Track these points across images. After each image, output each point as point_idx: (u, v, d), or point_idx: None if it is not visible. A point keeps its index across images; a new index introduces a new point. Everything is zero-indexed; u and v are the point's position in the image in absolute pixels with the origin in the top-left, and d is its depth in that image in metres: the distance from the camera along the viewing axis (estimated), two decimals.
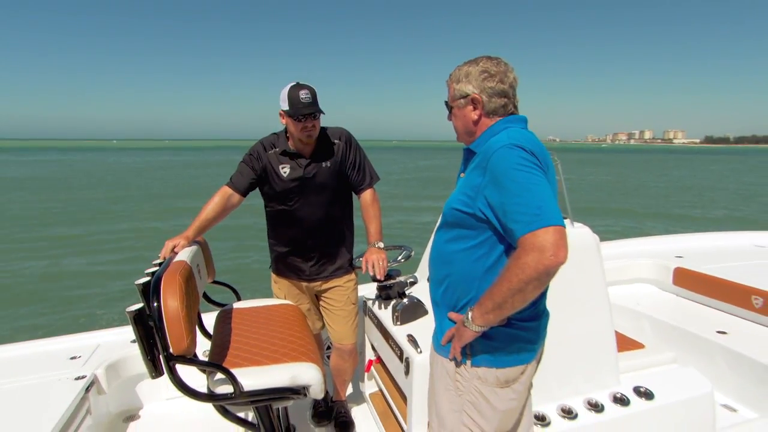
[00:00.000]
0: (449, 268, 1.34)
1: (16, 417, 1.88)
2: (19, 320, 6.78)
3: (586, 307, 2.00)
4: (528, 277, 1.06)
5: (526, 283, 1.07)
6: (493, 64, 1.31)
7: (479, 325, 1.21)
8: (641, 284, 3.54)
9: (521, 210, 1.09)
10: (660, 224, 14.37)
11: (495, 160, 1.17)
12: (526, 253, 1.06)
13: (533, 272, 1.05)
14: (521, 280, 1.07)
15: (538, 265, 1.04)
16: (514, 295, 1.10)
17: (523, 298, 1.10)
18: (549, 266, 1.04)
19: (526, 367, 1.33)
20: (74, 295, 7.86)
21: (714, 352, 2.51)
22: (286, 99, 2.00)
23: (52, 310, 7.19)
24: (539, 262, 1.04)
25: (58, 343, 2.60)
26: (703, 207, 18.55)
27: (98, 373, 2.30)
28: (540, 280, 1.07)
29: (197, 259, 1.94)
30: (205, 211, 2.05)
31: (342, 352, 2.33)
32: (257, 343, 1.80)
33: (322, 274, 2.26)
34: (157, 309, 1.47)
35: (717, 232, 4.36)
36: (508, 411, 1.33)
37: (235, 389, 1.52)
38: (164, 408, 2.57)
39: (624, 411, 1.92)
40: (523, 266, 1.06)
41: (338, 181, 2.21)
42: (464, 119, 1.37)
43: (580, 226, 2.03)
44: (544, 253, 1.04)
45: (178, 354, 1.48)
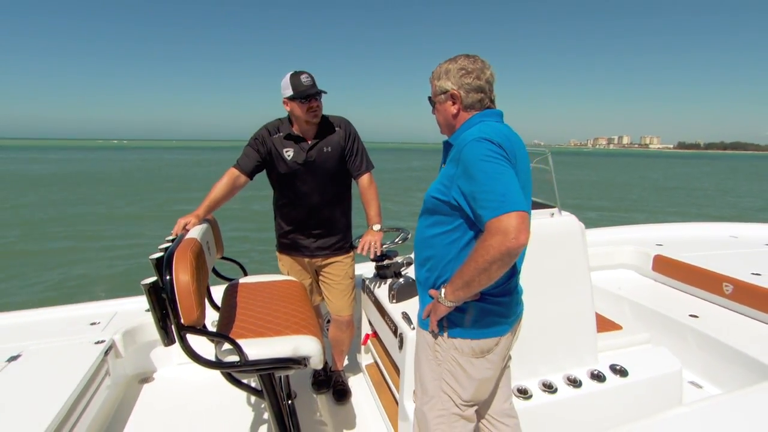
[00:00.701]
0: (429, 251, 1.46)
1: (43, 375, 2.07)
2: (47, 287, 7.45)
3: (570, 289, 2.12)
4: (492, 257, 1.16)
5: (490, 263, 1.17)
6: (470, 62, 1.41)
7: (451, 301, 1.33)
8: (623, 270, 3.69)
9: (488, 197, 1.19)
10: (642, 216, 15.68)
11: (466, 152, 1.27)
12: (491, 236, 1.16)
13: (497, 253, 1.15)
14: (486, 260, 1.18)
15: (501, 246, 1.14)
16: (480, 274, 1.21)
17: (488, 277, 1.21)
18: (511, 248, 1.14)
19: (500, 339, 1.44)
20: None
21: (685, 334, 2.65)
22: (288, 85, 2.13)
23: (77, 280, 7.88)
24: (502, 244, 1.14)
25: (79, 310, 2.80)
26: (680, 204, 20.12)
27: (116, 338, 2.48)
28: (503, 261, 1.17)
29: (207, 236, 2.08)
30: (214, 191, 2.19)
31: (340, 323, 2.49)
32: (262, 316, 1.94)
33: (323, 251, 2.41)
34: (170, 282, 1.57)
35: (696, 222, 4.50)
36: (483, 380, 1.46)
37: (240, 358, 1.63)
38: (176, 372, 2.77)
39: (600, 386, 2.05)
40: (488, 248, 1.16)
41: (338, 165, 2.33)
42: (445, 113, 1.47)
43: (567, 214, 2.13)
44: (507, 236, 1.13)
45: (189, 324, 1.58)
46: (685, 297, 3.12)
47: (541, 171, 2.10)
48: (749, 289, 2.79)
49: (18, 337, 2.45)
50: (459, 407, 1.46)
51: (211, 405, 2.45)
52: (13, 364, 2.15)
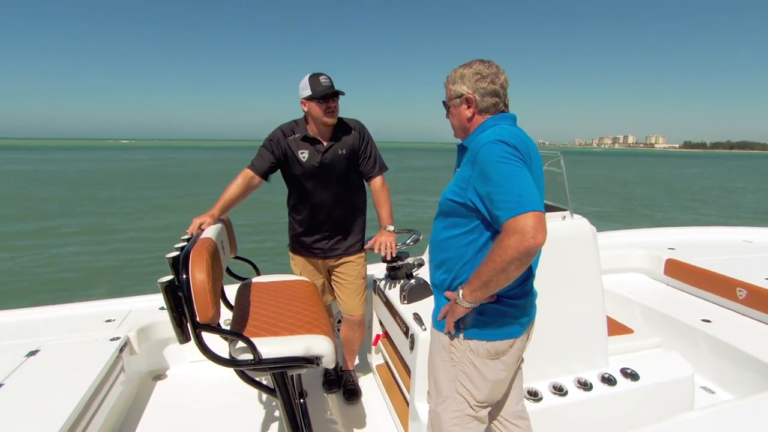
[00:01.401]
0: (445, 253, 1.47)
1: (61, 370, 2.11)
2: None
3: (581, 293, 2.12)
4: (510, 257, 1.18)
5: (508, 263, 1.19)
6: (485, 67, 1.43)
7: (469, 302, 1.35)
8: (635, 273, 3.67)
9: (505, 198, 1.20)
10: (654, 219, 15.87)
11: (482, 154, 1.28)
12: (508, 236, 1.18)
13: (515, 253, 1.17)
14: (504, 261, 1.19)
15: (519, 246, 1.16)
16: (498, 274, 1.22)
17: (506, 277, 1.23)
18: (529, 248, 1.16)
19: (515, 341, 1.46)
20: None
21: (698, 339, 2.64)
22: (307, 86, 2.17)
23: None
24: (520, 244, 1.16)
25: (95, 307, 2.84)
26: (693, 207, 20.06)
27: (131, 336, 2.52)
28: (521, 260, 1.18)
29: (222, 235, 2.11)
30: (229, 191, 2.21)
31: (351, 323, 2.51)
32: (275, 315, 1.97)
33: (336, 252, 2.43)
34: (186, 281, 1.60)
35: (708, 227, 4.46)
36: (497, 381, 1.47)
37: (254, 356, 1.65)
38: (189, 369, 2.80)
39: (611, 390, 2.06)
40: (506, 248, 1.18)
41: (352, 167, 2.36)
42: (459, 117, 1.49)
43: (579, 217, 2.14)
44: (524, 236, 1.15)
45: (204, 322, 1.61)
46: (698, 301, 3.10)
47: (553, 173, 2.11)
48: (764, 294, 2.76)
49: (37, 332, 2.50)
50: (473, 408, 1.48)
51: (223, 402, 2.48)
52: (32, 359, 2.20)
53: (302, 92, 2.20)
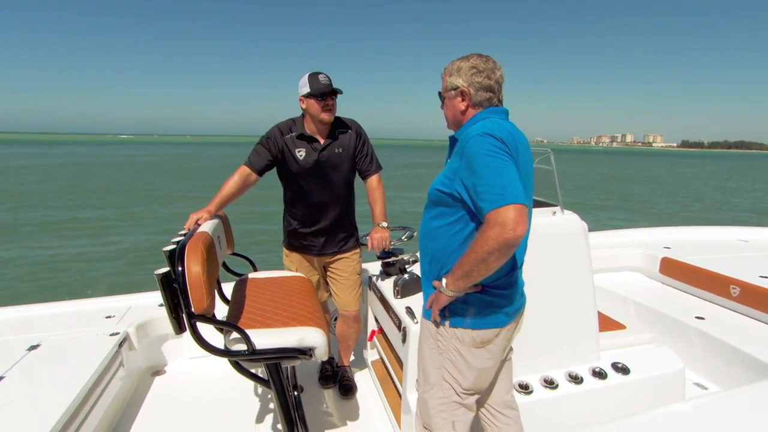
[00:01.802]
0: (432, 243, 1.51)
1: (61, 364, 2.15)
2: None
3: (572, 288, 2.15)
4: (491, 248, 1.21)
5: (489, 253, 1.22)
6: (482, 61, 1.46)
7: (452, 290, 1.38)
8: (630, 272, 3.70)
9: (488, 190, 1.23)
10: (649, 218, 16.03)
11: (469, 146, 1.31)
12: (489, 228, 1.21)
13: (495, 244, 1.20)
14: (485, 251, 1.22)
15: (499, 238, 1.19)
16: (479, 264, 1.26)
17: (487, 267, 1.26)
18: (509, 239, 1.18)
19: (501, 331, 1.49)
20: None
21: (690, 336, 2.66)
22: (306, 84, 2.22)
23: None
24: (500, 236, 1.19)
25: (95, 304, 2.89)
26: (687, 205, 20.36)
27: (130, 331, 2.56)
28: (500, 252, 1.21)
29: (218, 231, 2.15)
30: (225, 188, 2.25)
31: (347, 318, 2.55)
32: (270, 309, 2.00)
33: (330, 248, 2.47)
34: (181, 273, 1.64)
35: (705, 226, 4.50)
36: (483, 369, 1.50)
37: (248, 347, 1.69)
38: (187, 366, 2.84)
39: (601, 383, 2.08)
40: (487, 239, 1.21)
41: (348, 166, 2.40)
42: (453, 109, 1.52)
43: (569, 213, 2.17)
44: (504, 228, 1.18)
45: (199, 313, 1.65)
46: (692, 299, 3.12)
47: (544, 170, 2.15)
48: (756, 291, 2.79)
49: (38, 327, 2.54)
50: (459, 395, 1.51)
51: (221, 398, 2.52)
52: (33, 353, 2.24)
53: (301, 90, 2.25)
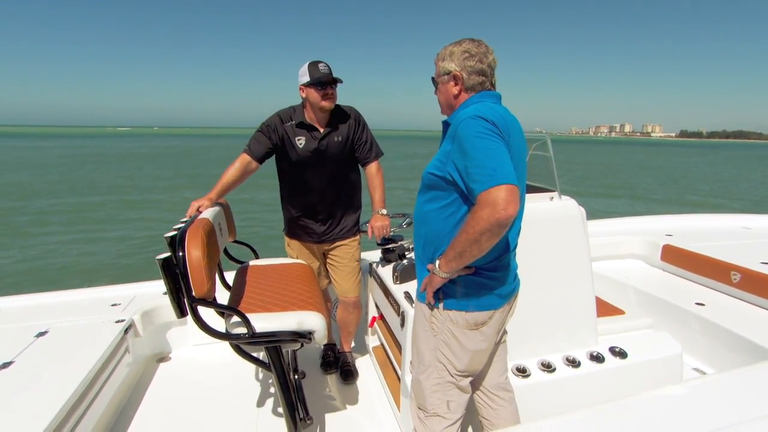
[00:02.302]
0: (426, 226, 1.52)
1: (68, 350, 2.20)
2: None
3: (570, 273, 2.17)
4: (482, 228, 1.22)
5: (480, 233, 1.23)
6: (474, 45, 1.47)
7: (445, 272, 1.40)
8: (632, 260, 3.71)
9: (479, 171, 1.24)
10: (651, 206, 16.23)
11: (461, 129, 1.33)
12: (481, 208, 1.22)
13: (486, 224, 1.21)
14: (476, 231, 1.24)
15: (491, 218, 1.20)
16: (472, 245, 1.27)
17: (479, 248, 1.27)
18: (500, 219, 1.20)
19: (494, 313, 1.51)
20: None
21: (690, 321, 2.67)
22: (306, 73, 2.22)
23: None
24: (491, 215, 1.20)
25: (102, 292, 2.94)
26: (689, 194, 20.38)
27: (135, 319, 2.61)
28: (492, 232, 1.23)
29: (219, 218, 2.19)
30: (226, 175, 2.28)
31: (347, 305, 2.59)
32: (270, 294, 2.04)
33: (330, 236, 2.50)
34: (182, 258, 1.67)
35: (707, 214, 4.49)
36: (477, 351, 1.53)
37: (248, 330, 1.73)
38: (191, 353, 2.90)
39: (599, 367, 2.10)
40: (479, 219, 1.22)
41: (347, 154, 2.42)
42: (446, 94, 1.53)
43: (566, 198, 2.18)
44: (496, 208, 1.19)
45: (200, 297, 1.69)
46: (693, 286, 3.12)
47: (541, 156, 2.18)
48: (757, 277, 2.79)
49: (46, 315, 2.60)
50: (454, 377, 1.54)
51: (224, 384, 2.57)
52: (41, 340, 2.29)
53: (301, 78, 2.26)
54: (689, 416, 1.37)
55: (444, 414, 1.56)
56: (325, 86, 2.23)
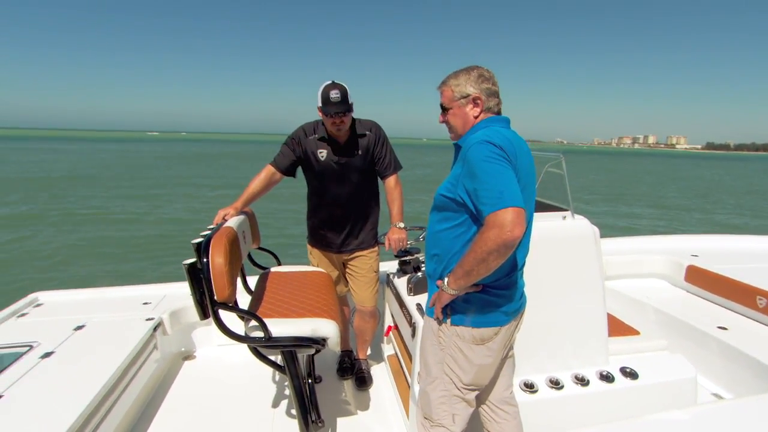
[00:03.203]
0: (437, 245, 1.59)
1: (102, 343, 2.37)
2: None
3: (582, 292, 2.18)
4: (489, 249, 1.28)
5: (488, 253, 1.29)
6: (485, 71, 1.55)
7: (453, 289, 1.46)
8: (655, 279, 3.63)
9: (487, 195, 1.31)
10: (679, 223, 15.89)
11: (470, 153, 1.39)
12: (488, 229, 1.28)
13: (493, 245, 1.27)
14: (484, 251, 1.30)
15: (498, 239, 1.26)
16: (479, 264, 1.33)
17: (486, 267, 1.33)
18: (507, 240, 1.26)
19: (500, 330, 1.56)
20: None
21: (710, 345, 2.61)
22: (320, 97, 2.30)
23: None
24: (498, 237, 1.26)
25: (134, 291, 3.13)
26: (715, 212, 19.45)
27: (164, 317, 2.77)
28: (499, 252, 1.29)
29: (243, 226, 2.31)
30: (252, 186, 2.42)
31: (363, 314, 2.67)
32: (288, 300, 2.14)
33: (349, 246, 2.59)
34: (206, 264, 1.79)
35: (735, 235, 4.33)
36: (483, 366, 1.58)
37: (265, 334, 1.83)
38: (215, 352, 3.04)
39: (608, 387, 2.11)
40: (486, 240, 1.29)
41: (367, 167, 2.51)
42: (464, 117, 1.58)
43: (579, 218, 2.20)
44: (503, 229, 1.25)
45: (221, 301, 1.80)
46: (716, 309, 3.05)
47: (555, 175, 2.20)
48: None
49: (84, 310, 2.79)
50: (460, 390, 1.59)
51: (244, 383, 2.69)
52: (79, 333, 2.47)
53: (318, 101, 2.33)
54: None
55: (449, 426, 1.62)
56: (335, 115, 2.30)
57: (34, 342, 2.35)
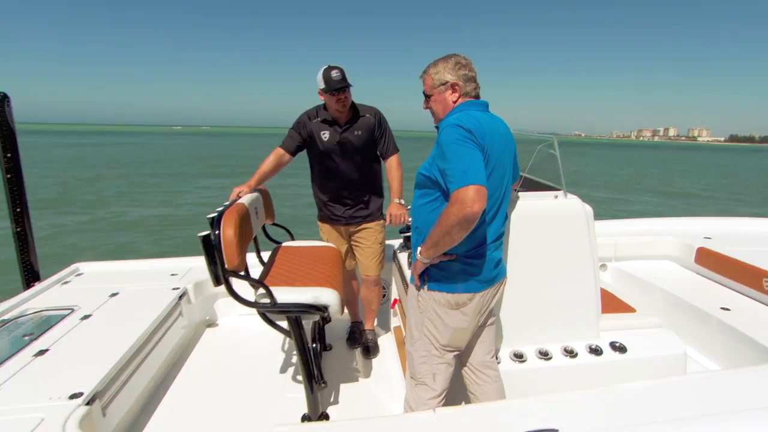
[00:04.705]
0: (418, 219, 1.73)
1: (134, 309, 2.64)
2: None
3: (573, 268, 2.24)
4: (452, 222, 1.41)
5: (451, 226, 1.43)
6: (462, 58, 1.66)
7: (426, 258, 1.60)
8: (665, 261, 3.61)
9: (453, 173, 1.43)
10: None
11: (442, 136, 1.52)
12: (451, 204, 1.41)
13: (455, 219, 1.40)
14: (447, 224, 1.43)
15: (459, 213, 1.39)
16: (444, 236, 1.47)
17: (450, 239, 1.47)
18: (467, 214, 1.38)
19: (474, 296, 1.68)
20: None
21: (710, 324, 2.61)
22: (321, 80, 2.48)
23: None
24: (460, 211, 1.39)
25: (163, 264, 3.41)
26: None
27: (189, 288, 3.03)
28: (461, 225, 1.41)
29: (256, 202, 2.51)
30: (263, 166, 2.63)
31: (368, 283, 2.85)
32: (295, 271, 2.33)
33: (356, 219, 2.76)
34: (218, 236, 2.00)
35: (751, 218, 4.19)
36: (458, 329, 1.71)
37: (271, 301, 2.03)
38: (236, 321, 3.29)
39: (595, 359, 2.18)
40: (449, 214, 1.42)
41: (367, 146, 2.67)
42: (444, 102, 1.70)
43: (572, 197, 2.26)
44: (464, 204, 1.38)
45: (231, 269, 2.01)
46: (723, 290, 3.04)
47: (549, 155, 2.26)
48: None
49: (118, 279, 3.08)
50: (438, 350, 1.74)
51: (260, 349, 2.92)
52: (114, 299, 2.76)
53: (318, 84, 2.51)
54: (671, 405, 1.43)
55: (430, 384, 1.77)
56: (337, 92, 2.47)
57: (75, 306, 2.64)
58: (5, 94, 2.78)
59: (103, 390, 1.93)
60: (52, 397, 1.77)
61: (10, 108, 2.82)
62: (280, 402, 2.42)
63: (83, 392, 1.80)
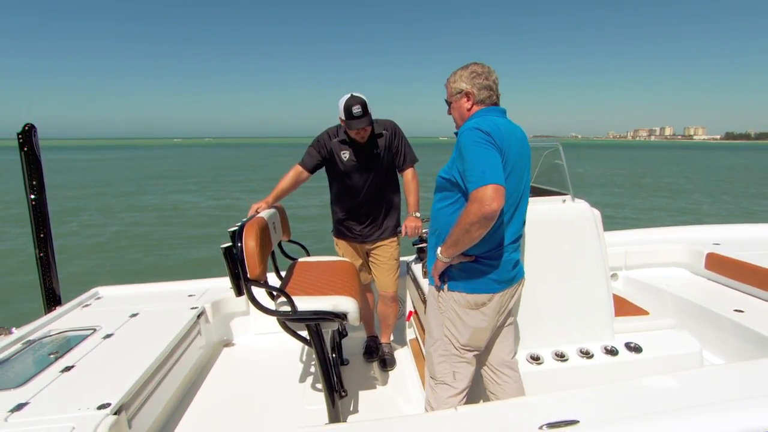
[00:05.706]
0: (437, 221, 1.79)
1: (153, 328, 2.69)
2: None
3: (584, 271, 2.29)
4: (471, 220, 1.48)
5: (471, 224, 1.49)
6: (479, 67, 1.75)
7: (445, 257, 1.66)
8: (676, 268, 3.63)
9: (472, 173, 1.50)
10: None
11: (461, 139, 1.60)
12: (471, 204, 1.48)
13: (474, 217, 1.47)
14: (467, 223, 1.50)
15: (478, 211, 1.46)
16: (464, 234, 1.53)
17: (470, 237, 1.53)
18: (486, 212, 1.45)
19: (493, 296, 1.73)
20: None
21: (724, 325, 2.63)
22: (342, 110, 2.51)
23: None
24: (479, 209, 1.45)
25: (181, 285, 3.47)
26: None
27: (206, 307, 3.09)
28: (480, 223, 1.48)
29: (273, 218, 2.60)
30: (281, 183, 2.71)
31: (386, 299, 2.89)
32: (313, 282, 2.39)
33: (372, 236, 2.82)
34: (240, 247, 2.07)
35: (759, 223, 4.24)
36: (477, 329, 1.76)
37: (292, 309, 2.09)
38: (253, 340, 3.33)
39: (612, 359, 2.20)
40: (469, 213, 1.48)
41: (386, 163, 2.74)
42: (460, 110, 1.79)
43: (580, 201, 2.32)
44: (483, 203, 1.44)
45: (253, 278, 2.08)
46: (735, 294, 3.06)
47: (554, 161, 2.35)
48: None
49: (138, 301, 3.15)
50: (458, 350, 1.78)
51: (277, 367, 2.95)
52: (134, 319, 2.81)
53: (340, 112, 2.54)
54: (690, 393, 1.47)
55: (450, 383, 1.80)
56: (358, 129, 2.53)
57: (97, 326, 2.69)
58: (32, 125, 2.92)
59: (129, 402, 1.97)
60: (81, 407, 1.81)
61: (37, 138, 2.95)
62: (301, 413, 2.44)
63: (111, 403, 1.85)
